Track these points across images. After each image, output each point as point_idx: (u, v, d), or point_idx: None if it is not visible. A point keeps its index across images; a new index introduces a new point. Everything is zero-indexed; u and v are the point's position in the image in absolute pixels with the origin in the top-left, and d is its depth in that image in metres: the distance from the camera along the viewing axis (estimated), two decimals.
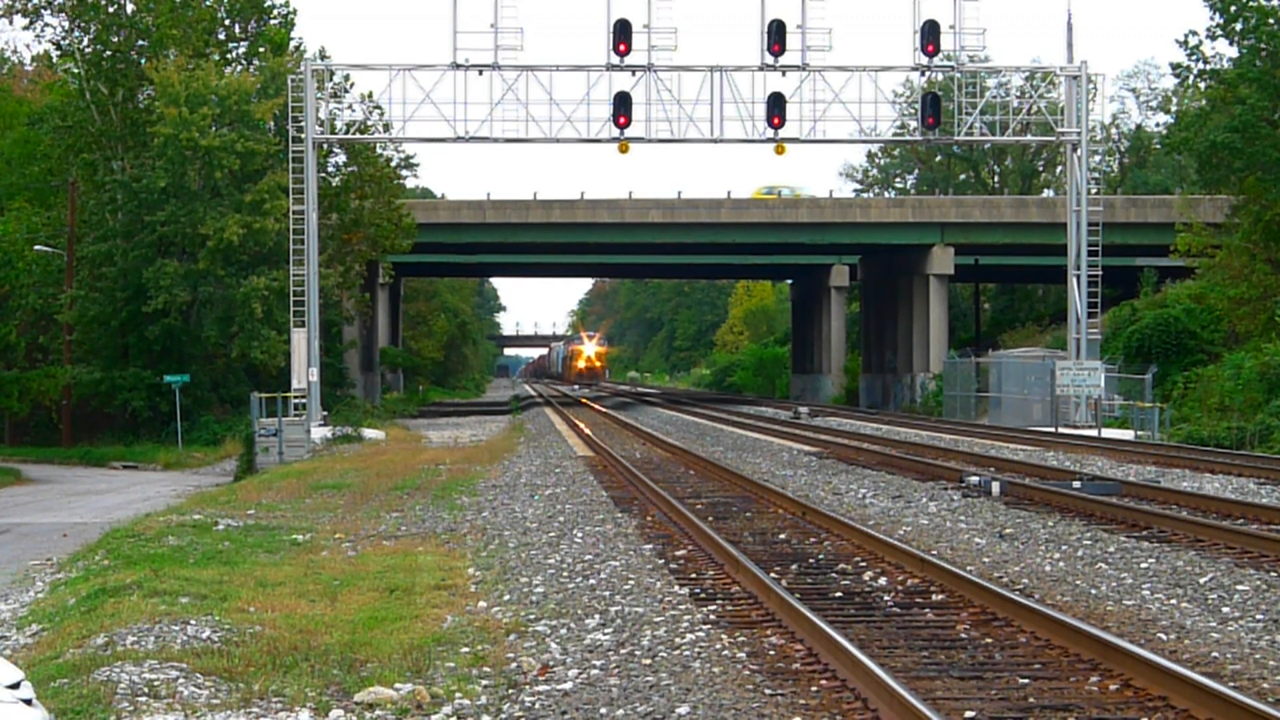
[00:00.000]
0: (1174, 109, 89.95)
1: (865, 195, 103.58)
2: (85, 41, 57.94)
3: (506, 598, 15.22)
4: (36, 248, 56.83)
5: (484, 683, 11.57)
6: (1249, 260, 51.27)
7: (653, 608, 14.32)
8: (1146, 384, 46.20)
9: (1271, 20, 49.35)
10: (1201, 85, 56.17)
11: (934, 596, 14.82)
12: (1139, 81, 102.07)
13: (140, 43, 58.01)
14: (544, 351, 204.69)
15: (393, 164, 65.52)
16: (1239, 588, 15.11)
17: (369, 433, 48.77)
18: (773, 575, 15.71)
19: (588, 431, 46.42)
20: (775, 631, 13.16)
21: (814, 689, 11.11)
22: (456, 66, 47.12)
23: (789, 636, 12.87)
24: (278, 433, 42.53)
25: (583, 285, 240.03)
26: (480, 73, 47.08)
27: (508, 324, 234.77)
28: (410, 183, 75.37)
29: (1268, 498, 24.34)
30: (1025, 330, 78.65)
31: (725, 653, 12.31)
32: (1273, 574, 15.87)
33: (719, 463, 31.84)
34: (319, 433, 45.97)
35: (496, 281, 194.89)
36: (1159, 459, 32.34)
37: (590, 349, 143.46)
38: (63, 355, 56.76)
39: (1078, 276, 48.01)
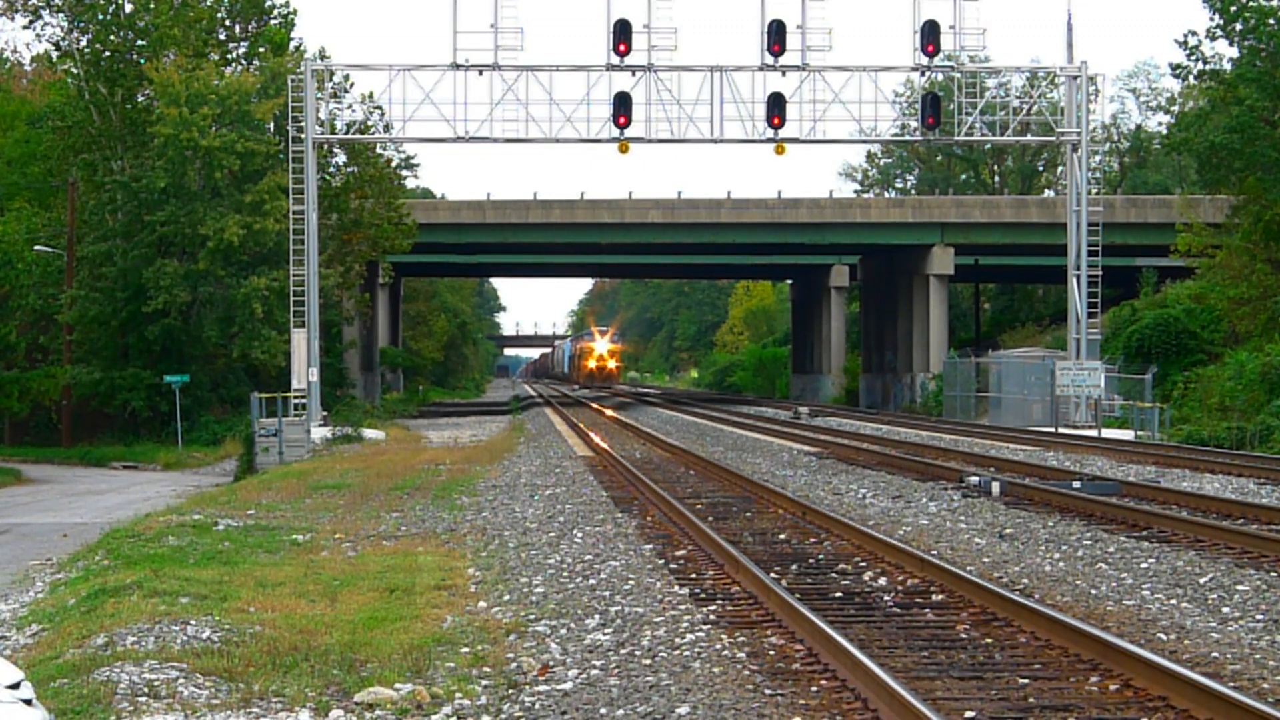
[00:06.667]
0: (1176, 109, 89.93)
1: (865, 195, 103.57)
2: (84, 42, 57.95)
3: (506, 598, 15.22)
4: (36, 248, 56.84)
5: (484, 683, 11.57)
6: (1249, 260, 51.28)
7: (653, 608, 14.32)
8: (1146, 384, 46.20)
9: (1271, 20, 49.35)
10: (1201, 85, 56.18)
11: (934, 597, 14.82)
12: (1139, 81, 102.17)
13: (140, 43, 58.02)
14: (547, 351, 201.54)
15: (393, 164, 65.53)
16: (1239, 588, 15.11)
17: (369, 433, 48.76)
18: (773, 575, 15.71)
19: (588, 431, 46.41)
20: (775, 632, 13.16)
21: (814, 689, 11.11)
22: (456, 67, 47.10)
23: (789, 637, 12.87)
24: (278, 433, 42.53)
25: (583, 285, 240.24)
26: (480, 73, 47.06)
27: (508, 324, 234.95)
28: (410, 183, 75.39)
29: (1268, 498, 24.34)
30: (1025, 330, 78.64)
31: (725, 653, 12.31)
32: (1273, 574, 15.87)
33: (719, 463, 31.84)
34: (319, 433, 45.97)
35: (496, 281, 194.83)
36: (1159, 459, 32.33)
37: (602, 346, 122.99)
38: (63, 355, 56.77)
39: (1078, 276, 48.00)
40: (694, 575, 16.48)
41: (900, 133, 56.20)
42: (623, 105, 46.66)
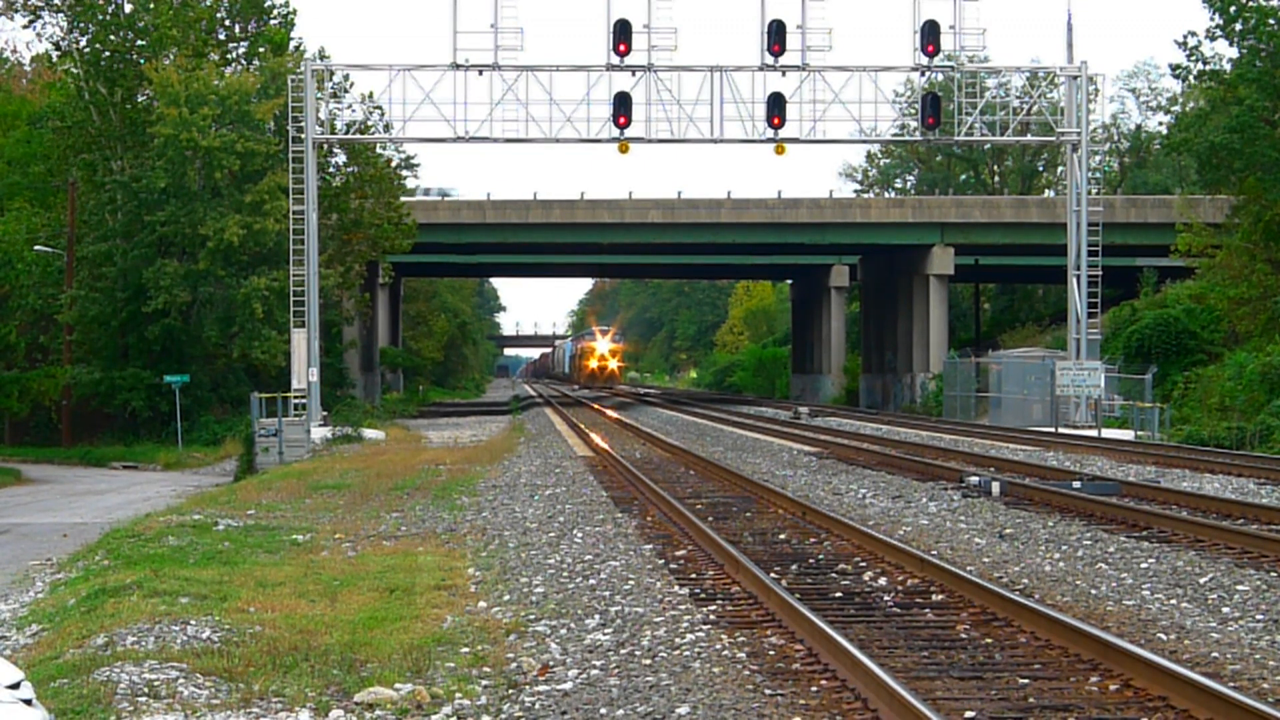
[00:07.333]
0: (1176, 109, 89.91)
1: (865, 195, 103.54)
2: (84, 42, 57.94)
3: (506, 598, 15.22)
4: (36, 248, 56.82)
5: (484, 683, 11.57)
6: (1249, 260, 51.29)
7: (653, 608, 14.31)
8: (1146, 384, 46.20)
9: (1271, 20, 49.35)
10: (1201, 86, 56.20)
11: (934, 597, 14.81)
12: (1139, 82, 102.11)
13: (140, 43, 58.01)
14: (547, 351, 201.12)
15: (393, 164, 65.51)
16: (1239, 588, 15.11)
17: (369, 433, 48.75)
18: (773, 575, 15.71)
19: (588, 432, 46.40)
20: (775, 632, 13.16)
21: (814, 689, 11.11)
22: (456, 67, 47.10)
23: (789, 637, 12.87)
24: (278, 433, 42.52)
25: (583, 285, 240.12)
26: (480, 73, 47.06)
27: (508, 324, 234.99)
28: (411, 183, 75.36)
29: (1268, 498, 24.34)
30: (1025, 330, 78.65)
31: (725, 653, 12.31)
32: (1273, 574, 15.87)
33: (719, 463, 31.84)
34: (319, 433, 45.97)
35: (496, 281, 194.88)
36: (1159, 459, 32.34)
37: (604, 346, 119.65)
38: (63, 355, 56.76)
39: (1078, 276, 48.00)
40: (694, 575, 16.48)
41: (900, 133, 56.25)
42: (623, 105, 46.66)
